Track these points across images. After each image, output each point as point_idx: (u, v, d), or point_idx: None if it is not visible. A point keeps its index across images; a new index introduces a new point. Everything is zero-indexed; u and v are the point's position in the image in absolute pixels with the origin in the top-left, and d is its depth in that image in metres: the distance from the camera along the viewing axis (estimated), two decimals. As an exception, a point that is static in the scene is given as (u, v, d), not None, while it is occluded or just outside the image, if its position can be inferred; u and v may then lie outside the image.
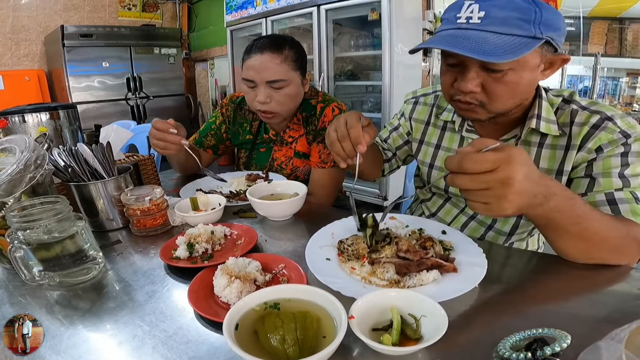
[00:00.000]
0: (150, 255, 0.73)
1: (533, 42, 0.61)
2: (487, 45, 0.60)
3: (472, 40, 0.61)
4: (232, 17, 3.47)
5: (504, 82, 0.66)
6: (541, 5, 0.62)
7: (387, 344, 0.42)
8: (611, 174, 0.68)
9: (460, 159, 0.49)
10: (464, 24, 0.64)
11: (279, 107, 1.10)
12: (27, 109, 1.05)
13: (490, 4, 0.62)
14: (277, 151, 1.27)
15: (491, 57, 0.59)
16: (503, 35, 0.61)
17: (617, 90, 2.80)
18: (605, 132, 0.69)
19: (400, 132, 1.04)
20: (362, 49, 2.86)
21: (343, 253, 0.67)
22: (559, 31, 0.64)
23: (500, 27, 0.61)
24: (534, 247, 0.94)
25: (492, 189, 0.48)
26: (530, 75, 0.67)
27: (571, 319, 0.50)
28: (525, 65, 0.65)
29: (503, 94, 0.68)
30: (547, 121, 0.75)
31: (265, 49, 1.05)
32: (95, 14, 4.35)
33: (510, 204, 0.49)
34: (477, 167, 0.48)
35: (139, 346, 0.48)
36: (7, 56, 3.82)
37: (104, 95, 4.01)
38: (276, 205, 0.86)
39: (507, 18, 0.61)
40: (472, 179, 0.49)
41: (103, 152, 0.84)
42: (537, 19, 0.61)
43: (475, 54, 0.60)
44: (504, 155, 0.48)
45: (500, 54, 0.59)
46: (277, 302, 0.49)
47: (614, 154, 0.68)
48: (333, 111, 1.16)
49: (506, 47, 0.60)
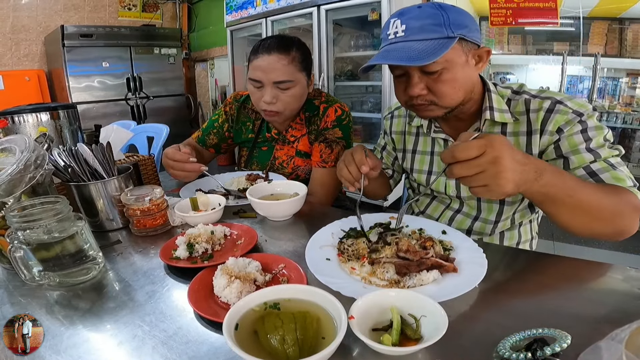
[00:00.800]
0: (150, 256, 0.73)
1: (448, 42, 0.69)
2: (412, 52, 0.69)
3: (400, 50, 0.71)
4: (232, 17, 3.47)
5: (442, 81, 0.74)
6: (446, 8, 0.71)
7: (387, 344, 0.42)
8: (579, 150, 0.73)
9: (452, 150, 0.55)
10: (393, 38, 0.73)
11: (284, 107, 1.11)
12: (27, 109, 1.05)
13: (408, 17, 0.71)
14: (278, 150, 1.27)
15: (416, 61, 0.68)
16: (424, 41, 0.70)
17: (617, 91, 2.80)
18: (560, 114, 0.75)
19: (388, 150, 1.12)
20: (362, 49, 2.87)
21: (343, 253, 0.67)
22: (467, 28, 0.72)
23: (420, 34, 0.70)
24: (527, 237, 0.96)
25: (485, 170, 0.53)
26: (464, 71, 0.75)
27: (571, 319, 0.50)
28: (454, 63, 0.73)
29: (445, 90, 0.75)
30: (499, 111, 0.82)
31: (273, 50, 1.06)
32: (95, 14, 4.35)
33: (507, 180, 0.53)
34: (467, 154, 0.53)
35: (139, 346, 0.48)
36: (7, 56, 3.82)
37: (104, 96, 4.01)
38: (276, 206, 0.86)
39: (422, 26, 0.70)
40: (466, 165, 0.54)
41: (103, 152, 0.84)
42: (445, 21, 0.70)
43: (404, 61, 0.69)
44: (486, 141, 0.53)
45: (424, 57, 0.68)
46: (277, 302, 0.49)
47: (573, 132, 0.74)
48: (336, 112, 1.16)
49: (428, 50, 0.68)
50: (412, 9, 0.73)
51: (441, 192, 0.97)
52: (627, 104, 2.84)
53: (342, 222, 0.79)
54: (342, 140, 1.17)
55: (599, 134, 0.73)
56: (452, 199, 0.97)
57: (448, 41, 0.70)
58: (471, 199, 0.94)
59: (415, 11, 0.72)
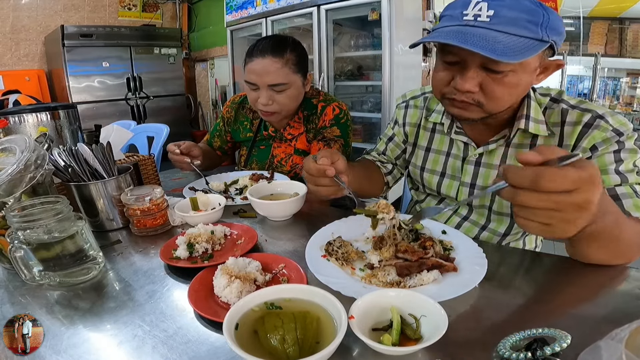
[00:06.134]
0: (150, 255, 0.73)
1: (540, 45, 0.61)
2: (499, 44, 0.59)
3: (482, 38, 0.60)
4: (232, 17, 3.47)
5: (504, 84, 0.65)
6: (548, 9, 0.62)
7: (387, 344, 0.42)
8: (608, 171, 0.68)
9: (537, 175, 0.41)
10: (471, 21, 0.63)
11: (280, 108, 1.13)
12: (27, 108, 1.05)
13: (500, 4, 0.61)
14: (276, 148, 1.28)
15: (503, 57, 0.58)
16: (512, 36, 0.60)
17: (617, 91, 2.80)
18: (599, 130, 0.69)
19: (396, 142, 1.04)
20: (362, 49, 2.86)
21: (331, 255, 0.65)
22: (561, 35, 0.64)
23: (509, 27, 0.60)
24: (531, 247, 0.94)
25: (563, 211, 0.42)
26: (529, 78, 0.67)
27: (571, 319, 0.50)
28: (526, 68, 0.65)
29: (501, 95, 0.67)
30: (535, 121, 0.74)
31: (267, 53, 1.07)
32: (95, 14, 4.35)
33: (576, 228, 0.44)
34: (556, 187, 0.41)
35: (139, 346, 0.48)
36: (7, 56, 3.82)
37: (104, 95, 4.01)
38: (276, 205, 0.86)
39: (516, 19, 0.60)
40: (544, 198, 0.42)
41: (103, 152, 0.84)
42: (544, 22, 0.60)
43: (489, 53, 0.58)
44: (587, 175, 0.41)
45: (511, 54, 0.58)
46: (277, 302, 0.49)
47: (607, 151, 0.69)
48: (334, 110, 1.17)
49: (515, 48, 0.59)
50: None
51: (450, 197, 0.91)
52: (628, 104, 2.84)
53: (342, 221, 0.79)
54: (340, 138, 1.17)
55: (631, 157, 0.68)
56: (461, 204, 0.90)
57: (539, 44, 0.61)
58: (482, 207, 0.87)
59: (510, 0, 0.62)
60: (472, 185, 0.87)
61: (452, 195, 0.91)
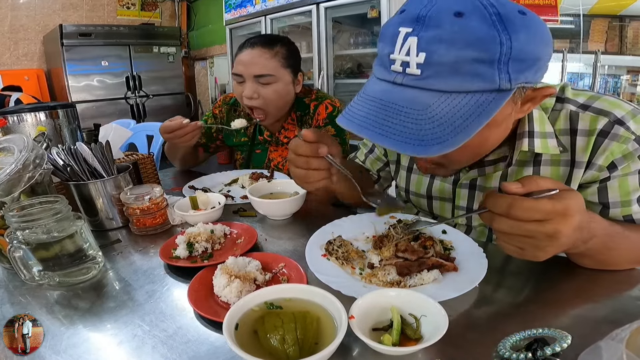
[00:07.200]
0: (150, 255, 0.73)
1: (496, 100, 0.43)
2: (428, 123, 0.43)
3: (407, 114, 0.45)
4: (231, 15, 3.46)
5: (464, 147, 0.45)
6: (510, 25, 0.42)
7: (387, 344, 0.42)
8: (630, 202, 0.58)
9: (511, 205, 0.42)
10: (399, 74, 0.46)
11: (266, 103, 1.09)
12: (26, 108, 1.05)
13: (434, 38, 0.42)
14: (272, 152, 1.26)
15: (431, 147, 0.42)
16: (452, 96, 0.44)
17: (617, 88, 2.79)
18: (617, 142, 0.56)
19: (376, 155, 0.92)
20: (361, 46, 2.86)
21: (332, 254, 0.65)
22: (538, 63, 0.45)
23: (448, 80, 0.43)
24: None
25: (534, 238, 0.43)
26: (499, 128, 0.54)
27: (571, 319, 0.50)
28: (490, 124, 0.45)
29: (463, 156, 0.58)
30: (542, 136, 0.60)
31: (257, 44, 1.06)
32: (94, 13, 4.33)
33: (546, 254, 0.45)
34: (528, 216, 0.42)
35: (139, 346, 0.48)
36: (6, 55, 3.81)
37: (103, 94, 3.99)
38: (276, 204, 0.85)
39: (456, 63, 0.42)
40: (516, 225, 0.43)
41: (102, 151, 0.84)
42: (503, 54, 0.42)
43: (410, 148, 0.43)
44: (561, 207, 0.41)
45: (446, 138, 0.42)
46: (277, 301, 0.49)
47: (630, 171, 0.57)
48: (327, 108, 1.15)
49: (456, 120, 0.43)
50: (445, 17, 0.42)
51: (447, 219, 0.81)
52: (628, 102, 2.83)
53: (342, 221, 0.79)
54: (336, 137, 1.15)
55: None
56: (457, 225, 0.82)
57: (496, 99, 0.43)
58: (482, 226, 0.79)
59: (451, 24, 0.42)
60: (468, 209, 0.78)
61: (447, 216, 0.83)
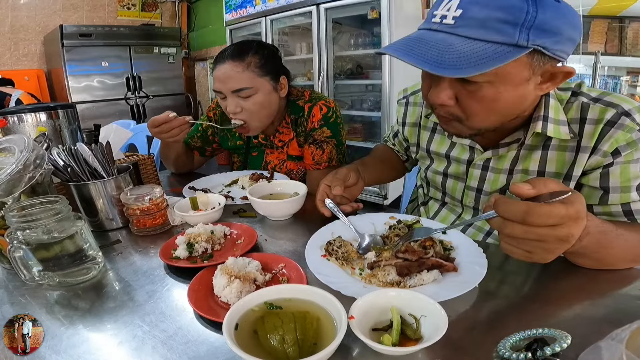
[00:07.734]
0: (150, 255, 0.73)
1: (512, 52, 0.49)
2: (450, 54, 0.50)
3: (434, 46, 0.52)
4: (232, 16, 3.47)
5: (479, 97, 0.56)
6: (541, 2, 0.49)
7: (387, 344, 0.42)
8: (629, 188, 0.61)
9: (527, 212, 0.42)
10: (436, 24, 0.55)
11: (250, 117, 1.07)
12: (26, 108, 1.05)
13: (472, 1, 0.51)
14: (269, 154, 1.25)
15: (448, 70, 0.49)
16: (475, 42, 0.50)
17: (617, 89, 2.79)
18: (623, 131, 0.60)
19: (399, 139, 1.03)
20: (361, 47, 2.86)
21: (331, 255, 0.65)
22: (557, 36, 0.51)
23: (475, 30, 0.51)
24: None
25: (545, 242, 0.43)
26: (516, 91, 0.56)
27: (571, 319, 0.50)
28: (505, 79, 0.54)
29: (477, 110, 0.59)
30: (555, 122, 0.64)
31: (227, 58, 1.03)
32: (94, 13, 4.34)
33: (554, 256, 0.45)
34: (543, 222, 0.42)
35: (138, 346, 0.48)
36: (6, 56, 3.82)
37: (104, 95, 4.00)
38: (276, 205, 0.86)
39: (486, 20, 0.50)
40: (530, 230, 0.43)
41: (102, 152, 0.84)
42: (527, 21, 0.49)
43: (428, 65, 0.50)
44: (574, 211, 0.42)
45: (461, 66, 0.49)
46: (277, 302, 0.49)
47: (632, 159, 0.61)
48: (321, 110, 1.13)
49: (473, 57, 0.49)
50: None
51: (455, 199, 0.85)
52: (628, 103, 2.83)
53: (342, 221, 0.79)
54: (332, 139, 1.14)
55: None
56: (465, 207, 0.85)
57: (512, 51, 0.50)
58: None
59: None
60: (478, 190, 0.81)
61: (457, 197, 0.86)
